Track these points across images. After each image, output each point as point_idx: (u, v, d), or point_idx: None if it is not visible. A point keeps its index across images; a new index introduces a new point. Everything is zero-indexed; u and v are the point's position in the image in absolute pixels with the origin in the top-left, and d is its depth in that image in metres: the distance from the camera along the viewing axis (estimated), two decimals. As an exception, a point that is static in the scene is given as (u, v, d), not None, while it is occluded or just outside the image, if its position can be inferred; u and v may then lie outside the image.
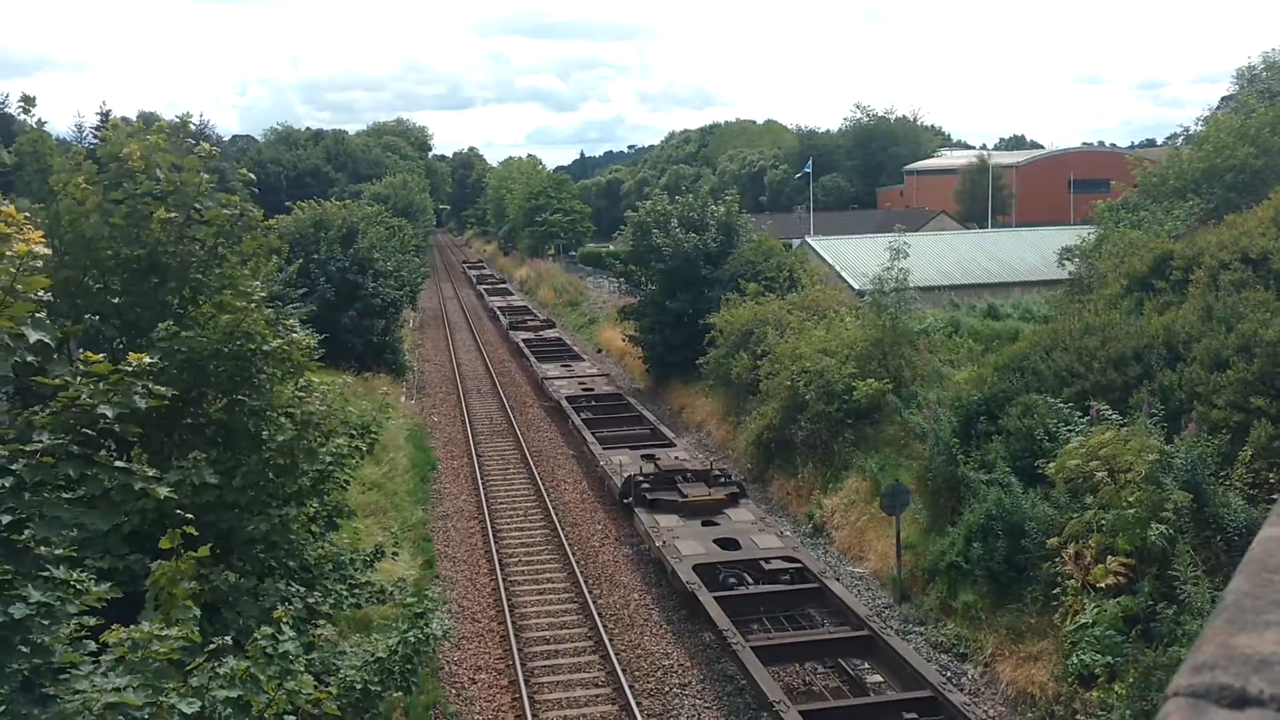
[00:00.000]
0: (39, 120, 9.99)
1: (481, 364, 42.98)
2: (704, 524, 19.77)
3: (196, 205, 10.48)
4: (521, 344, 43.23)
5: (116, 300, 10.27)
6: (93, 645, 7.00)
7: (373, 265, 36.75)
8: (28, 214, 8.81)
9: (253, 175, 12.06)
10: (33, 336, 7.55)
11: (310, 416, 10.55)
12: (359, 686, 9.33)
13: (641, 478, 21.42)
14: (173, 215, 10.07)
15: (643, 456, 24.00)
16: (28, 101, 9.86)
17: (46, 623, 6.64)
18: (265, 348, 9.75)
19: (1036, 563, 14.88)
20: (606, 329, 45.18)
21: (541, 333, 47.11)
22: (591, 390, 33.50)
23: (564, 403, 31.15)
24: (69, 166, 10.19)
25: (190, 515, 8.30)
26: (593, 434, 26.99)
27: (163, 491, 8.28)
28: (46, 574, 6.80)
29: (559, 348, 43.16)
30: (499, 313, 55.35)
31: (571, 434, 29.55)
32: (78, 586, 6.81)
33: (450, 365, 42.71)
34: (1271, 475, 13.28)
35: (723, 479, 21.81)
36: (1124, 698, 11.90)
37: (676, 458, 23.83)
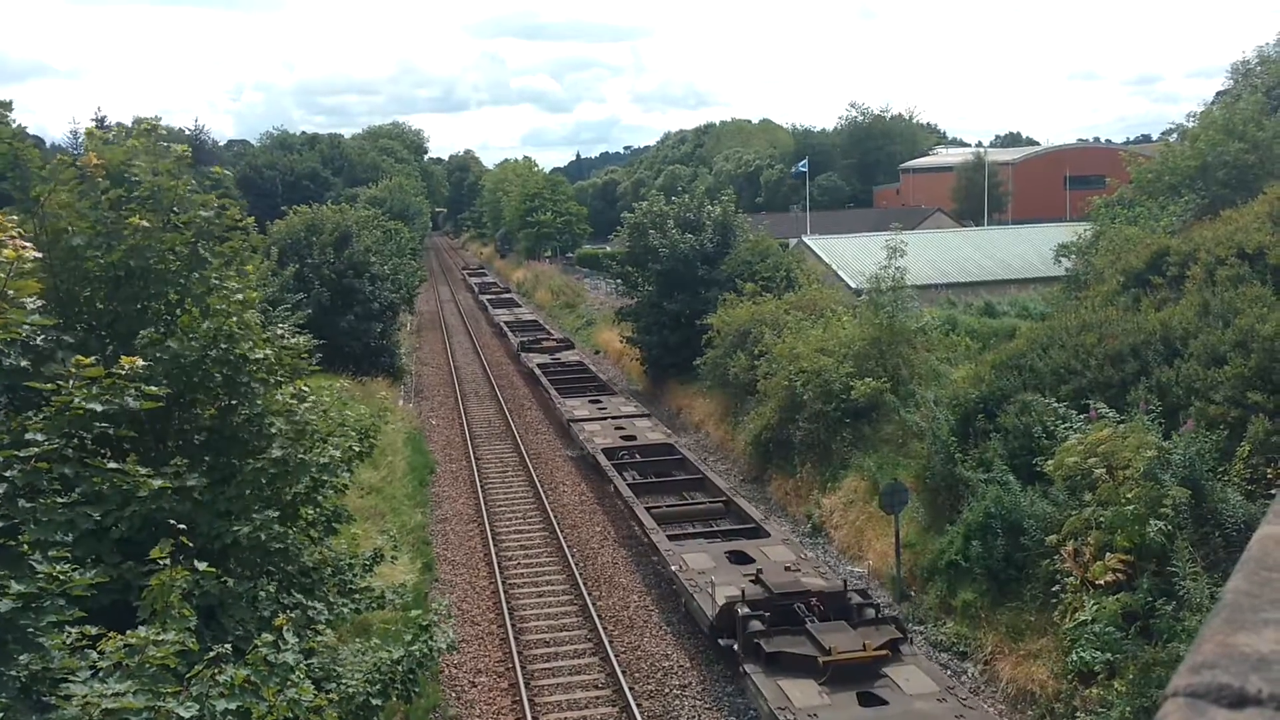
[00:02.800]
0: (20, 126, 9.91)
1: (480, 368, 42.93)
2: (863, 700, 12.86)
3: (174, 209, 10.42)
4: (537, 370, 36.44)
5: (102, 308, 10.24)
6: (90, 652, 6.99)
7: (368, 269, 36.73)
8: (15, 218, 8.79)
9: (228, 172, 11.99)
10: (30, 320, 7.56)
11: (304, 426, 10.51)
12: (360, 698, 9.33)
13: (749, 609, 14.35)
14: (147, 222, 10.01)
15: (730, 556, 17.45)
16: (4, 106, 9.77)
17: (34, 618, 6.63)
18: (253, 355, 9.70)
19: (1035, 560, 14.88)
20: (604, 330, 45.18)
21: (559, 355, 40.02)
22: (634, 439, 26.44)
23: (600, 457, 24.39)
24: (49, 175, 10.14)
25: (183, 525, 8.29)
26: (651, 514, 19.96)
27: (155, 483, 8.28)
28: (33, 573, 6.80)
29: (583, 376, 36.12)
30: (506, 329, 48.32)
31: (611, 499, 23.38)
32: (61, 578, 6.80)
33: (448, 369, 42.69)
34: (1269, 470, 13.29)
35: (870, 608, 14.78)
36: (1123, 694, 11.90)
37: (789, 568, 16.46)
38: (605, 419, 28.53)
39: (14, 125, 9.91)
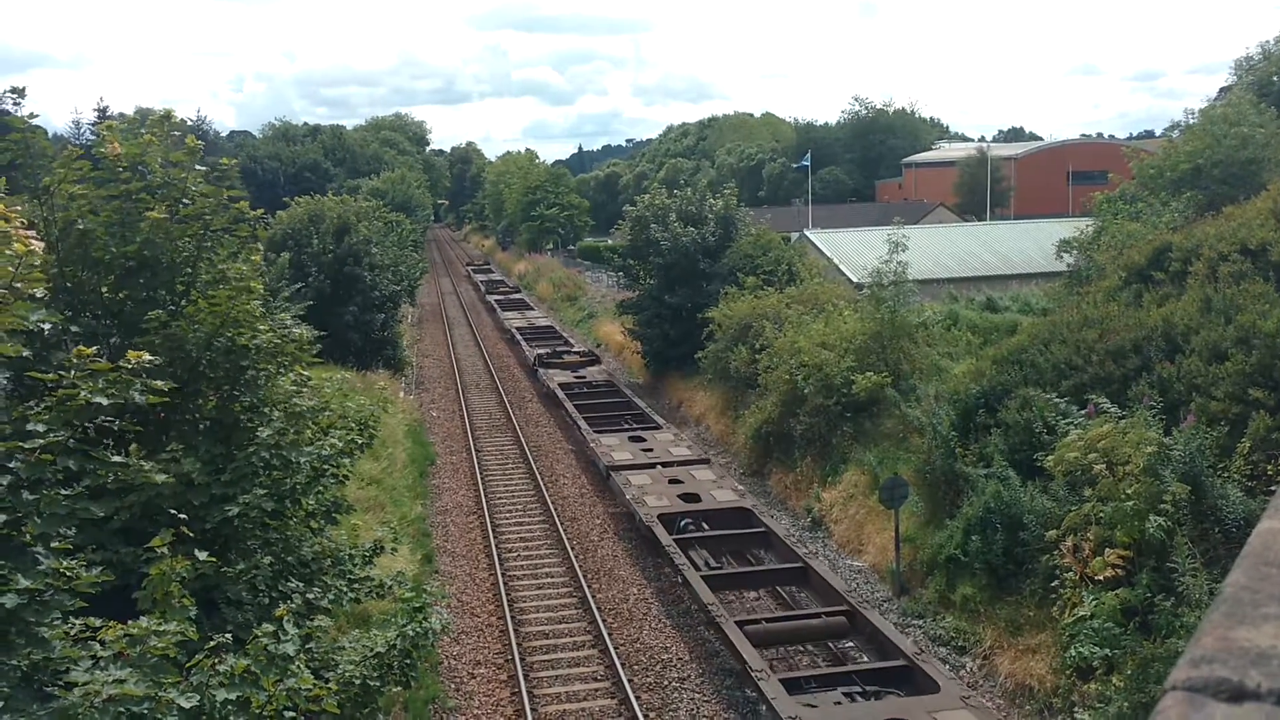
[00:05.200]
0: (31, 114, 9.92)
1: (481, 361, 42.90)
2: None
3: (185, 200, 10.46)
4: (559, 393, 30.67)
5: (109, 297, 10.27)
6: (91, 642, 7.00)
7: (369, 257, 36.62)
8: (18, 209, 8.79)
9: (235, 161, 12.03)
10: (34, 319, 7.58)
11: (299, 409, 10.54)
12: (358, 682, 9.33)
13: None
14: (164, 216, 10.06)
15: None
16: (17, 93, 9.76)
17: (39, 612, 6.64)
18: (257, 341, 9.74)
19: (1035, 555, 14.89)
20: (605, 323, 45.17)
21: (583, 372, 34.36)
22: (696, 499, 20.30)
23: (658, 530, 18.38)
24: (63, 163, 10.16)
25: (184, 515, 8.31)
26: (747, 634, 14.24)
27: (159, 478, 8.30)
28: (38, 567, 6.82)
29: (615, 400, 30.37)
30: (519, 336, 42.39)
31: (675, 590, 17.76)
32: (67, 574, 6.81)
33: (449, 361, 42.69)
34: (1269, 467, 13.29)
35: None
36: (1122, 690, 11.92)
37: None
38: (653, 465, 22.48)
39: (25, 113, 9.91)
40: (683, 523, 19.13)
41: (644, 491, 20.73)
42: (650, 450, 23.88)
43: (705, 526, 19.21)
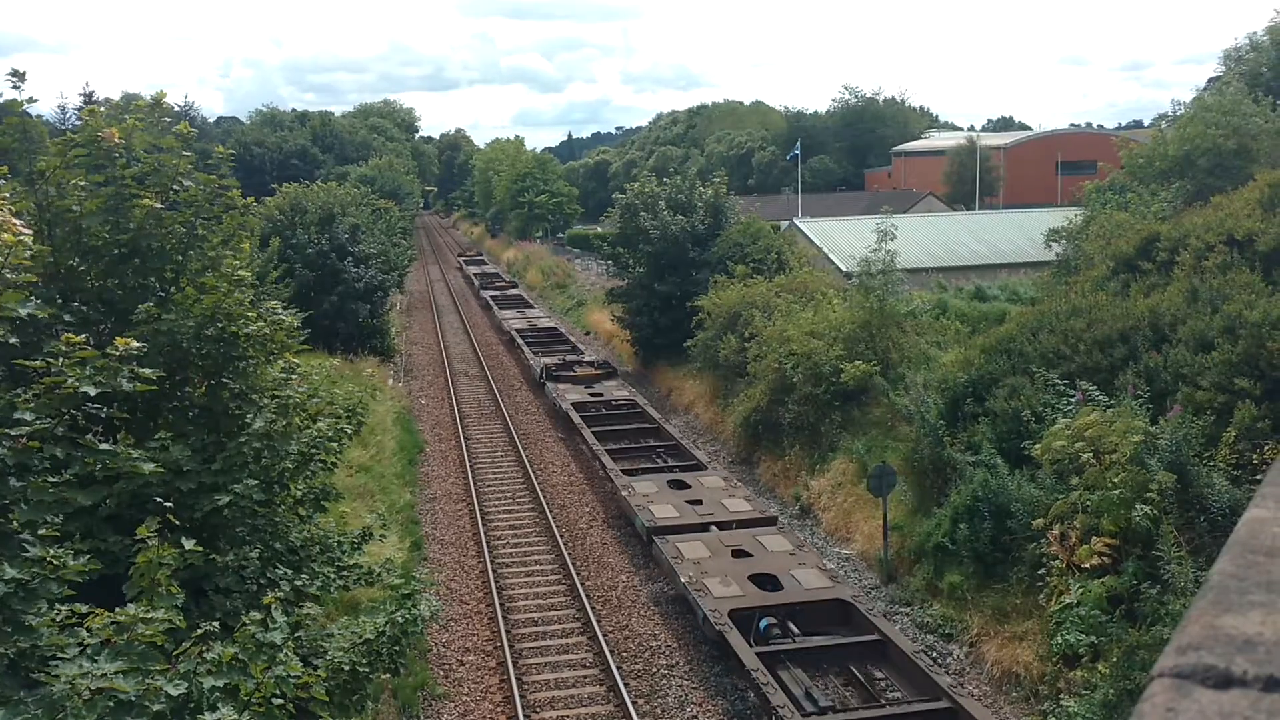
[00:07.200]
0: (29, 98, 9.75)
1: (469, 349, 42.79)
2: None
3: (175, 186, 10.38)
4: (574, 415, 26.21)
5: (99, 285, 10.20)
6: (79, 630, 6.98)
7: (355, 247, 36.35)
8: (6, 195, 8.72)
9: (232, 151, 11.95)
10: (24, 311, 7.54)
11: (290, 399, 10.51)
12: (347, 669, 9.33)
13: None
14: (155, 204, 9.98)
15: None
16: (18, 76, 9.61)
17: (26, 600, 6.62)
18: (247, 330, 9.70)
19: (1022, 544, 14.96)
20: (594, 311, 45.10)
21: (598, 387, 29.70)
22: (775, 585, 15.51)
23: (734, 640, 13.62)
24: (56, 150, 10.05)
25: (170, 504, 8.28)
26: None
27: (147, 467, 8.27)
28: (25, 554, 6.79)
29: (642, 426, 26.15)
30: (520, 341, 38.48)
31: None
32: (55, 563, 6.79)
33: (438, 348, 42.60)
34: (1255, 456, 13.36)
35: None
36: (1108, 677, 11.99)
37: None
38: (707, 528, 17.82)
39: (25, 98, 9.77)
40: (763, 623, 14.39)
41: (702, 571, 15.76)
42: (699, 502, 19.07)
43: (794, 629, 14.51)
